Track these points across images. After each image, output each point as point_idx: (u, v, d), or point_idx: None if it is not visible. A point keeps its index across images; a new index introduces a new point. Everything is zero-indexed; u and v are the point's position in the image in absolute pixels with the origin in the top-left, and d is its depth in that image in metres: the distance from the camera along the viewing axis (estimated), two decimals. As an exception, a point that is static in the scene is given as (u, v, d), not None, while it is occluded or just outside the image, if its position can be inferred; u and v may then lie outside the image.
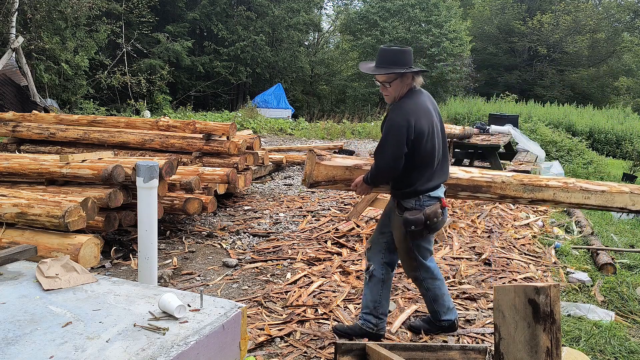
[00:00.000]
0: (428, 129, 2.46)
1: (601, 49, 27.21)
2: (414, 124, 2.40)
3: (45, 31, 13.05)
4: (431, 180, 2.54)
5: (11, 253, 2.12)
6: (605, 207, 2.97)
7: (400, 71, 2.46)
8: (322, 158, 2.75)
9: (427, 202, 2.52)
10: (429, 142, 2.47)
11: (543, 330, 1.72)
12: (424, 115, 2.47)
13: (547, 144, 10.54)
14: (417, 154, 2.46)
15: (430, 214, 2.49)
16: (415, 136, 2.41)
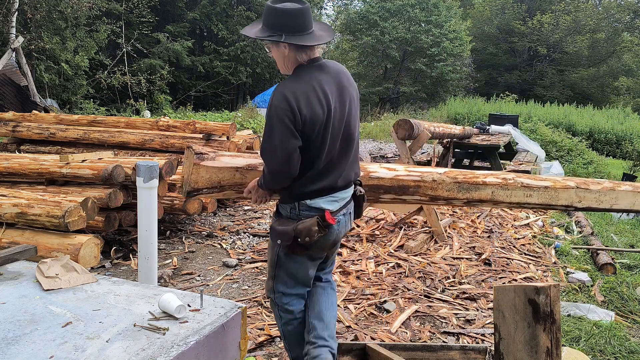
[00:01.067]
0: (322, 116, 1.85)
1: (601, 49, 27.20)
2: (299, 108, 1.80)
3: (45, 31, 13.04)
4: (312, 183, 1.91)
5: (11, 253, 2.12)
6: (548, 205, 2.62)
7: (269, 39, 1.87)
8: (203, 157, 2.13)
9: (304, 212, 1.92)
10: (320, 134, 1.87)
11: (543, 330, 1.72)
12: (316, 97, 1.84)
13: (547, 144, 10.54)
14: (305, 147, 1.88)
15: (302, 229, 1.87)
16: (305, 125, 1.83)
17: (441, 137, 6.82)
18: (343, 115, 1.94)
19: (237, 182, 2.20)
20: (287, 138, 1.80)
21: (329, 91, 1.88)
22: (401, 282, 3.56)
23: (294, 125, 1.80)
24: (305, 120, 1.81)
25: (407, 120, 4.81)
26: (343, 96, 1.94)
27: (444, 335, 2.85)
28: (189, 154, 2.16)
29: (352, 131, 2.01)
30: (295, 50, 1.87)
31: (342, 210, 2.00)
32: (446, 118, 15.93)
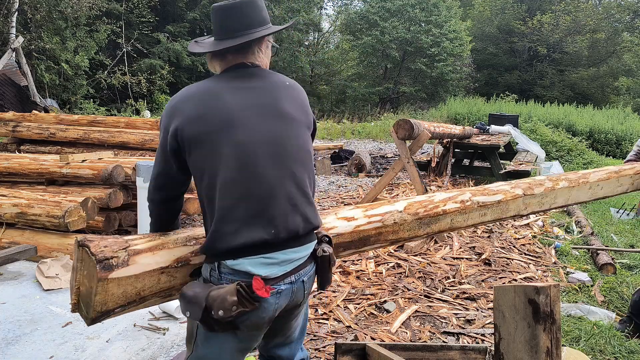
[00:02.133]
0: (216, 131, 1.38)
1: (601, 49, 27.21)
2: (180, 124, 1.38)
3: (46, 31, 13.05)
4: (228, 234, 1.36)
5: (11, 253, 2.12)
6: (500, 218, 2.55)
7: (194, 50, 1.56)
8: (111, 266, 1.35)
9: (227, 276, 1.38)
10: (215, 157, 1.37)
11: (543, 330, 1.72)
12: (209, 107, 1.40)
13: (547, 144, 10.54)
14: (197, 177, 1.42)
15: (214, 298, 1.32)
16: (188, 145, 1.39)
17: (441, 137, 6.82)
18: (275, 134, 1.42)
19: (163, 288, 1.47)
20: (161, 159, 1.45)
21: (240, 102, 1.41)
22: (401, 282, 3.56)
23: (168, 145, 1.41)
24: (184, 138, 1.38)
25: (407, 120, 4.81)
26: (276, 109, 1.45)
27: (444, 335, 2.85)
28: (86, 261, 1.35)
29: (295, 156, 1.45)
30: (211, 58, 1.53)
31: (289, 276, 1.43)
32: (446, 118, 15.94)
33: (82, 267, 1.36)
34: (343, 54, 27.18)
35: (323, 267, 1.52)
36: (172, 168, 1.44)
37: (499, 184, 2.63)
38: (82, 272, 1.36)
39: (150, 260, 1.43)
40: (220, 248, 1.37)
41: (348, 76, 26.31)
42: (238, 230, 1.36)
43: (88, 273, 1.35)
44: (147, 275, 1.42)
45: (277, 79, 1.52)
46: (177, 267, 1.48)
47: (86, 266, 1.34)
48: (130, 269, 1.39)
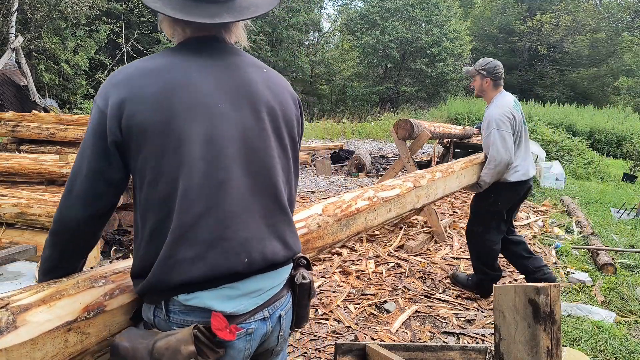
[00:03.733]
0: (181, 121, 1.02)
1: (601, 49, 27.22)
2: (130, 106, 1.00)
3: (45, 31, 13.05)
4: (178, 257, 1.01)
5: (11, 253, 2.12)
6: (401, 214, 2.45)
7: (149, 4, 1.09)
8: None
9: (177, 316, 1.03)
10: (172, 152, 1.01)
11: (543, 330, 1.72)
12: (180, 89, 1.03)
13: (548, 144, 10.54)
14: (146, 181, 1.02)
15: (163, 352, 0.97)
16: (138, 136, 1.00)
17: (441, 137, 6.82)
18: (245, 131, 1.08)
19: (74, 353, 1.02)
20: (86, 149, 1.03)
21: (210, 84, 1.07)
22: (401, 282, 3.56)
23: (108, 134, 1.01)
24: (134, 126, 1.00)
25: (407, 120, 4.81)
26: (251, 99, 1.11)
27: (444, 336, 2.85)
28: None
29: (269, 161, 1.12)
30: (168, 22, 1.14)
31: (261, 311, 1.10)
32: (446, 118, 15.94)
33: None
34: (343, 54, 27.21)
35: (302, 298, 1.19)
36: (108, 167, 1.02)
37: (392, 179, 2.67)
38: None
39: (48, 316, 0.99)
40: (174, 280, 1.00)
41: (348, 76, 26.32)
42: (200, 255, 1.00)
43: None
44: (47, 338, 0.97)
45: (253, 61, 1.18)
46: (88, 319, 1.04)
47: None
48: (20, 332, 0.94)
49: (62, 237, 1.07)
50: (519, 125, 3.16)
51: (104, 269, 1.15)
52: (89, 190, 1.03)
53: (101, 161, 1.02)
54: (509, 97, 3.20)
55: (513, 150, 3.09)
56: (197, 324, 0.99)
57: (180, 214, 1.00)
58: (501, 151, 3.04)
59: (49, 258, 1.09)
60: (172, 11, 1.06)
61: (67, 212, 1.04)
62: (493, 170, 3.11)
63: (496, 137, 3.06)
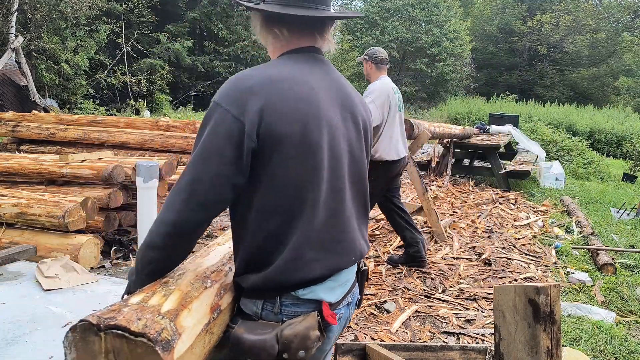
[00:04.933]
0: (311, 129, 1.07)
1: (601, 49, 27.22)
2: (268, 115, 1.02)
3: (45, 31, 13.05)
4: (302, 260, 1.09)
5: (11, 253, 2.12)
6: None
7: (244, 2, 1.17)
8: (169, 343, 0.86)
9: (289, 308, 1.11)
10: (308, 159, 1.07)
11: (543, 330, 1.72)
12: (300, 99, 1.07)
13: (548, 144, 10.54)
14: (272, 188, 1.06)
15: (291, 338, 1.05)
16: (267, 143, 1.03)
17: (441, 137, 6.82)
18: (351, 143, 1.17)
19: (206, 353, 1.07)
20: (212, 155, 1.01)
21: (325, 97, 1.12)
22: (401, 282, 3.56)
23: (234, 139, 1.01)
24: (267, 132, 1.02)
25: (407, 120, 4.81)
26: (352, 112, 1.18)
27: (444, 335, 2.85)
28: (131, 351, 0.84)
29: (364, 170, 1.23)
30: (272, 22, 1.15)
31: (346, 298, 1.22)
32: (446, 118, 15.94)
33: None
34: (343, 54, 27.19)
35: (363, 282, 1.33)
36: (235, 172, 1.02)
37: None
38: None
39: (192, 320, 0.98)
40: (297, 278, 1.08)
41: (348, 76, 26.30)
42: (322, 257, 1.11)
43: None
44: (197, 342, 0.99)
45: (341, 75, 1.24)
46: (215, 319, 1.07)
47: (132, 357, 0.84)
48: (183, 339, 0.92)
49: (179, 241, 1.06)
50: (393, 106, 3.61)
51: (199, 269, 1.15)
52: (214, 196, 1.03)
53: (230, 166, 1.01)
54: (389, 81, 3.67)
55: (382, 118, 3.52)
56: (311, 311, 1.10)
57: (309, 219, 1.08)
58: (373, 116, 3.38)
59: (157, 260, 1.08)
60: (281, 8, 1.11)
61: (188, 217, 1.03)
62: None
63: (373, 109, 3.47)
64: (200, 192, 1.02)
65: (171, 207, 1.05)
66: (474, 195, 6.55)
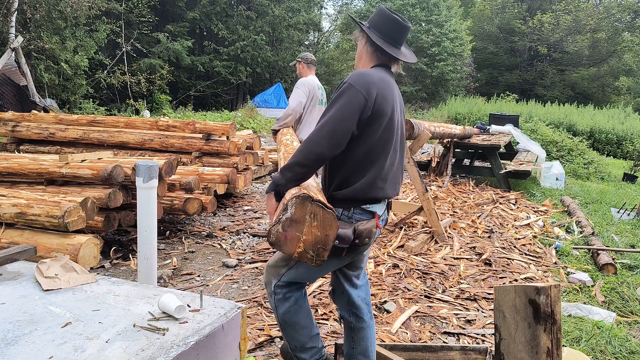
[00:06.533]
0: (388, 112, 1.85)
1: (602, 49, 27.21)
2: (373, 96, 1.79)
3: (45, 31, 13.03)
4: (374, 187, 1.85)
5: (10, 253, 2.11)
6: None
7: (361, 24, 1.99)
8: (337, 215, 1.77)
9: (357, 215, 1.85)
10: (386, 130, 1.86)
11: (544, 330, 1.72)
12: (386, 92, 1.86)
13: (548, 144, 10.53)
14: (366, 141, 1.82)
15: (363, 231, 1.81)
16: (373, 114, 1.80)
17: (441, 137, 6.81)
18: (400, 122, 1.99)
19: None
20: (347, 117, 1.74)
21: (396, 95, 1.94)
22: (401, 283, 3.55)
23: (360, 109, 1.75)
24: (375, 109, 1.79)
25: (407, 120, 4.80)
26: (402, 107, 2.03)
27: (444, 336, 2.85)
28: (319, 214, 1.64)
29: (405, 143, 2.09)
30: (374, 49, 1.95)
31: (383, 216, 1.97)
32: (447, 118, 15.93)
33: (312, 219, 1.64)
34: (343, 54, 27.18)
35: (388, 210, 2.07)
36: (353, 125, 1.76)
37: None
38: (313, 223, 1.64)
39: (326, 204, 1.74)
40: (368, 196, 1.84)
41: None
42: (385, 187, 1.89)
43: (322, 224, 1.65)
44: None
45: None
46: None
47: (320, 218, 1.64)
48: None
49: (317, 163, 1.76)
50: (315, 97, 4.30)
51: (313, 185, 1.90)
52: (342, 140, 1.75)
53: (351, 122, 1.75)
54: (316, 79, 4.46)
55: (301, 107, 4.19)
56: (371, 218, 1.87)
57: (380, 164, 1.86)
58: (293, 104, 4.16)
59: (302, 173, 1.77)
60: (388, 47, 1.93)
61: (325, 150, 1.74)
62: (283, 114, 4.22)
63: (297, 94, 4.22)
64: (338, 136, 1.73)
65: (317, 144, 1.74)
66: (474, 195, 6.54)
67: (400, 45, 1.99)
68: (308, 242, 1.65)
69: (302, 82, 4.41)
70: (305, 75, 4.53)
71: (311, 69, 4.55)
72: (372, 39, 1.91)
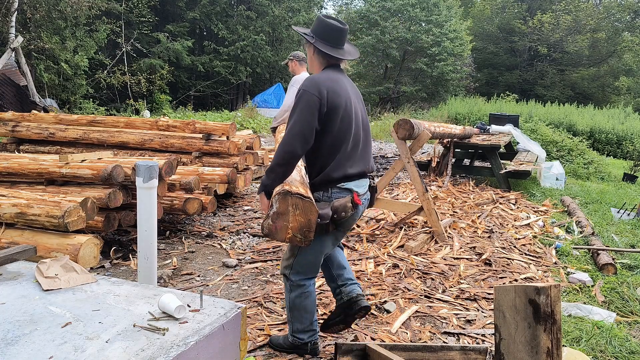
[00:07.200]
0: (343, 104, 2.20)
1: (602, 49, 27.20)
2: (326, 96, 2.13)
3: (45, 31, 13.03)
4: (343, 167, 2.22)
5: (10, 253, 2.11)
6: None
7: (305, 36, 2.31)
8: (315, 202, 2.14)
9: (335, 194, 2.22)
10: (344, 120, 2.21)
11: (544, 330, 1.72)
12: (338, 89, 2.21)
13: (548, 144, 10.53)
14: (329, 133, 2.18)
15: (338, 206, 2.17)
16: (329, 110, 2.15)
17: (441, 137, 6.81)
18: (359, 111, 2.33)
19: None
20: (308, 118, 2.09)
21: (348, 87, 2.29)
22: (401, 283, 3.55)
23: (317, 108, 2.11)
24: (330, 106, 2.14)
25: (407, 120, 4.80)
26: (357, 95, 2.38)
27: (444, 336, 2.85)
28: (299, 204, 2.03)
29: (367, 125, 2.41)
30: (322, 55, 2.29)
31: (364, 195, 2.34)
32: (447, 118, 15.93)
33: (294, 210, 2.02)
34: (343, 54, 27.15)
35: (372, 193, 2.46)
36: (315, 123, 2.11)
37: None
38: (295, 212, 2.02)
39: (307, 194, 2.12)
40: (338, 175, 2.20)
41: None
42: (353, 165, 2.25)
43: (303, 211, 2.02)
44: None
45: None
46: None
47: (300, 207, 2.01)
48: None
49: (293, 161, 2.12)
50: None
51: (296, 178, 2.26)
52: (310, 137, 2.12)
53: (312, 121, 2.11)
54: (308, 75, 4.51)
55: None
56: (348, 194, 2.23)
57: (345, 148, 2.23)
58: (289, 101, 4.38)
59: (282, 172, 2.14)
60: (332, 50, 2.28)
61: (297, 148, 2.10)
62: (280, 112, 4.60)
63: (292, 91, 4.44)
64: (305, 135, 2.10)
65: (289, 144, 2.09)
66: (474, 195, 6.54)
67: (343, 45, 2.32)
68: (295, 228, 2.03)
69: (296, 80, 4.65)
70: (299, 73, 4.80)
71: (303, 66, 4.82)
72: (318, 47, 2.25)
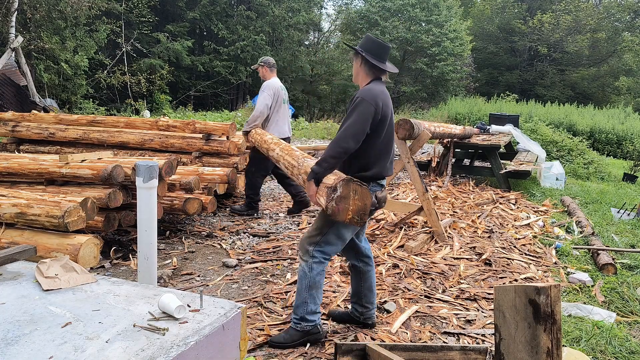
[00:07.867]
0: (389, 115, 2.59)
1: (602, 49, 27.21)
2: (381, 107, 2.50)
3: (45, 31, 13.03)
4: (383, 168, 2.62)
5: (10, 253, 2.11)
6: None
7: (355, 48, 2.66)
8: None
9: (373, 187, 2.57)
10: (389, 130, 2.61)
11: (544, 330, 1.72)
12: (388, 102, 2.59)
13: (548, 144, 10.53)
14: (376, 137, 2.54)
15: (381, 198, 2.59)
16: (381, 119, 2.51)
17: (441, 137, 6.81)
18: (393, 120, 2.68)
19: None
20: (363, 123, 2.42)
21: (389, 101, 2.61)
22: (401, 283, 3.55)
23: (372, 116, 2.44)
24: (382, 116, 2.50)
25: (407, 120, 4.80)
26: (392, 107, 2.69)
27: (444, 336, 2.85)
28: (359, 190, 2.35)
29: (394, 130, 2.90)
30: (369, 67, 2.61)
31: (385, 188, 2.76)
32: (447, 118, 15.93)
33: (354, 195, 2.32)
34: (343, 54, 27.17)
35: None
36: (367, 128, 2.44)
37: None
38: (355, 197, 2.32)
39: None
40: (380, 174, 2.60)
41: (348, 76, 26.26)
42: (390, 168, 2.69)
43: (361, 197, 2.34)
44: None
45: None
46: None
47: (359, 193, 2.33)
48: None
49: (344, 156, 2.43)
50: (279, 98, 4.95)
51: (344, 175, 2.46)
52: (361, 137, 2.44)
53: (366, 126, 2.45)
54: (278, 81, 5.06)
55: (267, 109, 4.84)
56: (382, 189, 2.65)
57: (386, 154, 2.63)
58: (260, 107, 4.79)
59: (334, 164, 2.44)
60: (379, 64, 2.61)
61: (350, 146, 2.41)
62: (252, 117, 4.84)
63: (263, 97, 4.81)
64: (358, 136, 2.42)
65: (344, 141, 2.41)
66: (474, 195, 6.54)
67: (385, 61, 2.64)
68: (354, 211, 2.33)
69: (267, 85, 4.89)
70: (269, 78, 5.01)
71: (273, 72, 5.05)
72: (367, 59, 2.58)
